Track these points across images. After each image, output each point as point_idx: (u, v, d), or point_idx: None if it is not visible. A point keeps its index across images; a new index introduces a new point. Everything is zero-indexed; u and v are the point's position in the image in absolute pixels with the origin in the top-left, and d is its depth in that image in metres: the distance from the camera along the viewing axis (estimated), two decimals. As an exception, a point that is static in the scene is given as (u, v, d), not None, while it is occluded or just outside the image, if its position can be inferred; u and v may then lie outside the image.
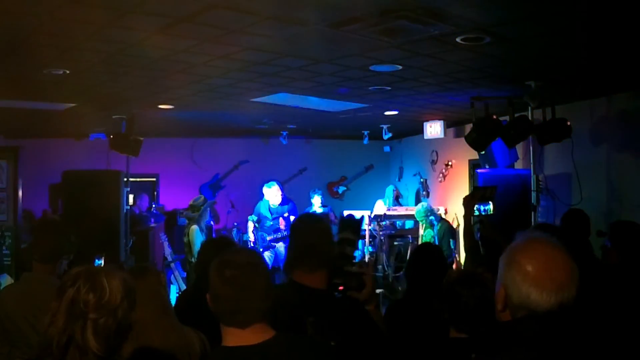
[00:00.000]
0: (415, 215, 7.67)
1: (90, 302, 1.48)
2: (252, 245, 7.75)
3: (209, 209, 8.02)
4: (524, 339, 1.48)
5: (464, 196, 4.26)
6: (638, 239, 3.35)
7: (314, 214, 5.39)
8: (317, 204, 8.66)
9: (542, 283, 1.48)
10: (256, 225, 7.88)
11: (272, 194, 7.95)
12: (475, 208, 4.14)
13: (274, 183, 8.05)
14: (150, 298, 2.20)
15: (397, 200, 9.39)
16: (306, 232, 2.37)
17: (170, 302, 2.34)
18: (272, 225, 7.92)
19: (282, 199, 8.04)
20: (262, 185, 8.19)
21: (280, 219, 7.86)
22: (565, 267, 1.51)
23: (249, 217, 8.07)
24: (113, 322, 1.50)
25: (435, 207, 7.90)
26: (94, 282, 1.52)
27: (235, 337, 1.72)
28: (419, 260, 3.31)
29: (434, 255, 3.38)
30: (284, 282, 2.45)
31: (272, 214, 7.91)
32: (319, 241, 2.30)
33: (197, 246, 6.44)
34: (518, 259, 1.54)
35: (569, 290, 1.49)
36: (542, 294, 1.47)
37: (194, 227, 6.60)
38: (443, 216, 8.01)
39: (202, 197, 7.54)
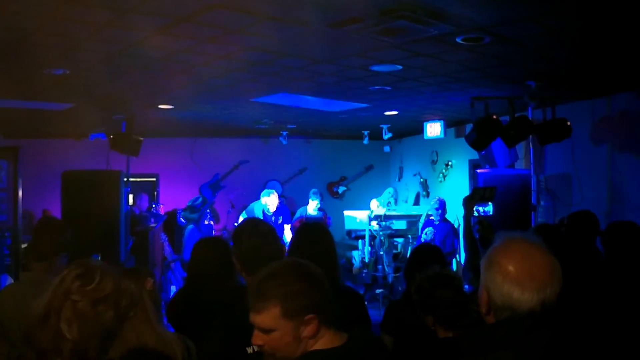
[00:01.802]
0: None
1: (75, 284, 1.48)
2: None
3: (208, 209, 8.02)
4: (505, 342, 1.47)
5: (463, 197, 4.26)
6: (627, 239, 3.35)
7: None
8: (312, 207, 8.57)
9: (523, 282, 1.48)
10: None
11: (270, 202, 7.88)
12: (474, 209, 4.15)
13: (273, 191, 7.96)
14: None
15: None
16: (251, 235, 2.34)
17: (154, 307, 2.29)
18: None
19: (278, 207, 7.99)
20: (262, 185, 8.17)
21: None
22: (546, 265, 1.51)
23: (241, 215, 8.03)
24: (91, 311, 1.47)
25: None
26: (86, 270, 1.53)
27: (325, 341, 1.66)
28: (419, 260, 3.31)
29: (434, 255, 3.38)
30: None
31: (265, 219, 7.81)
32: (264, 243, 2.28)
33: (185, 245, 6.45)
34: (498, 260, 1.54)
35: (551, 288, 1.48)
36: (524, 292, 1.47)
37: (191, 227, 6.61)
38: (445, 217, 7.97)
39: (201, 198, 7.54)
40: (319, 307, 1.62)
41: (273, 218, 7.89)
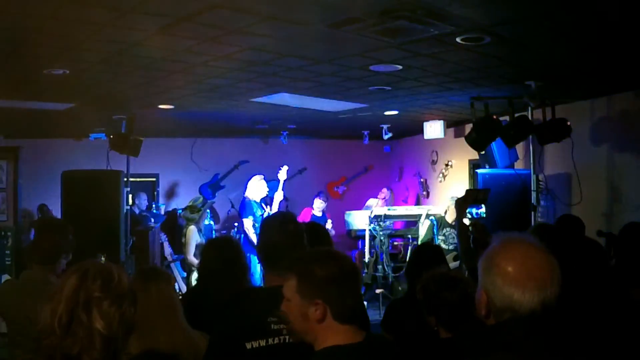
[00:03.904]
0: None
1: (96, 284, 1.48)
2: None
3: (208, 209, 7.97)
4: (506, 343, 1.46)
5: (456, 199, 4.25)
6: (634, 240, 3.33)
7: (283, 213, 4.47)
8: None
9: (523, 283, 1.46)
10: (255, 224, 7.52)
11: (258, 190, 7.49)
12: (467, 211, 4.13)
13: (261, 177, 7.59)
14: (162, 299, 2.21)
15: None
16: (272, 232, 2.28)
17: (179, 303, 2.34)
18: None
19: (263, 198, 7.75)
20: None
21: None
22: (545, 264, 1.49)
23: (249, 218, 7.87)
24: (116, 311, 1.47)
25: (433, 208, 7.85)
26: (102, 269, 1.53)
27: (340, 337, 1.70)
28: (420, 260, 3.31)
29: (435, 254, 3.39)
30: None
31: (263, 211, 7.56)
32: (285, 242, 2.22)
33: (190, 246, 6.42)
34: (497, 262, 1.52)
35: (551, 288, 1.47)
36: (525, 293, 1.46)
37: (192, 227, 6.58)
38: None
39: (201, 198, 7.49)
40: (331, 299, 1.70)
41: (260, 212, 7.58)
